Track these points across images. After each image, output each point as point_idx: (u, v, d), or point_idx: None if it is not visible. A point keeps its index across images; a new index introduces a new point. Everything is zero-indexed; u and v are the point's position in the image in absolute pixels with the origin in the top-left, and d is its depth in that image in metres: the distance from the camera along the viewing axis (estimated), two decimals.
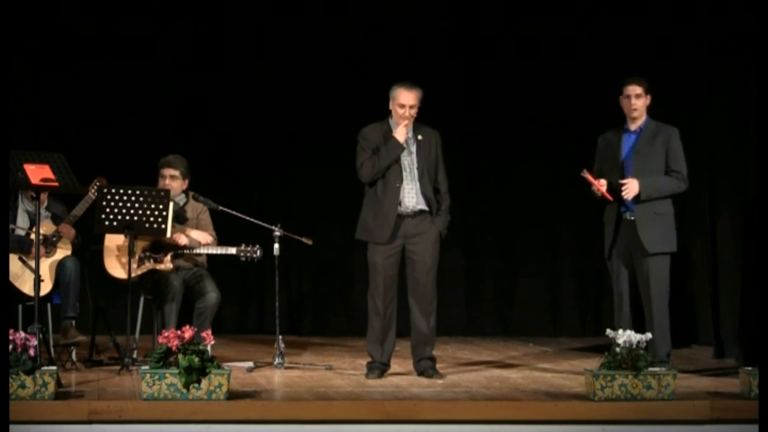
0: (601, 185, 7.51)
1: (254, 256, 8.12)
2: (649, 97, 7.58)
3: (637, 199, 7.45)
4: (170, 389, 6.26)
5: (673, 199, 7.65)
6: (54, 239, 7.83)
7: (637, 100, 7.55)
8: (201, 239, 8.14)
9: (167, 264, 8.00)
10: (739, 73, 8.77)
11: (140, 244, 7.93)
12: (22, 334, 6.31)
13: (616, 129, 7.70)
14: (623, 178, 7.48)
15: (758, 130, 8.40)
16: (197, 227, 8.23)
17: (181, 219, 8.18)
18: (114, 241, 8.00)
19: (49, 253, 7.81)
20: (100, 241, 8.03)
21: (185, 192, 8.28)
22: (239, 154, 10.38)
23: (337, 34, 10.38)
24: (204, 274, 8.16)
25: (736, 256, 8.74)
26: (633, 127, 7.62)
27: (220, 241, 8.22)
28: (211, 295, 8.02)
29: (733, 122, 8.88)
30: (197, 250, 8.13)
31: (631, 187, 7.44)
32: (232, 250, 8.13)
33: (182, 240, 8.06)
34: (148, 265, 8.00)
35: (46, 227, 7.81)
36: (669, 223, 7.53)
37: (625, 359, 6.52)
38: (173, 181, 8.16)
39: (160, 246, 8.03)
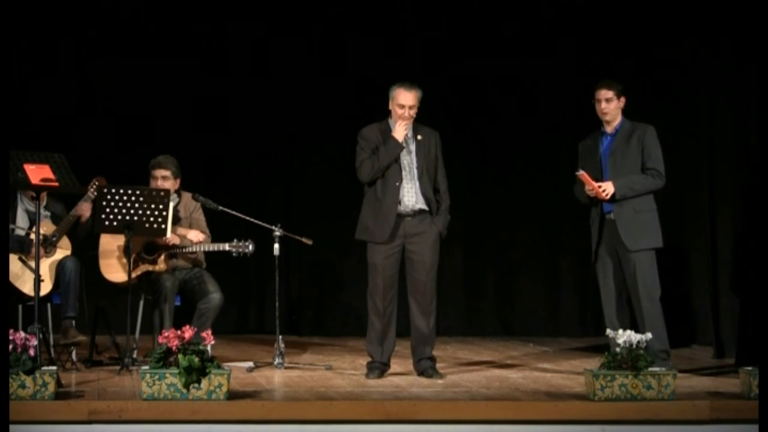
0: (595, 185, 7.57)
1: (246, 251, 8.10)
2: (622, 99, 7.65)
3: (613, 198, 7.50)
4: (170, 389, 6.26)
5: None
6: (54, 239, 7.82)
7: (608, 104, 7.62)
8: (193, 238, 8.13)
9: (161, 264, 7.99)
10: (739, 73, 8.77)
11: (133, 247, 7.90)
12: (22, 334, 6.31)
13: (594, 133, 7.78)
14: (603, 179, 7.53)
15: (758, 130, 8.40)
16: (191, 226, 8.22)
17: (174, 219, 8.14)
18: (108, 245, 7.98)
19: (49, 253, 7.81)
20: (95, 246, 8.02)
21: (177, 191, 8.26)
22: (239, 154, 10.37)
23: (338, 33, 10.37)
24: (205, 274, 8.16)
25: (736, 256, 8.73)
26: (609, 129, 7.69)
27: (221, 242, 8.21)
28: (215, 296, 8.02)
29: (733, 122, 8.88)
30: (190, 249, 8.13)
31: (606, 189, 7.49)
32: (225, 246, 8.12)
33: (174, 239, 8.05)
34: (143, 267, 7.99)
35: (46, 227, 7.81)
36: (651, 220, 7.58)
37: (625, 359, 6.52)
38: (165, 181, 8.13)
39: (153, 247, 8.01)
